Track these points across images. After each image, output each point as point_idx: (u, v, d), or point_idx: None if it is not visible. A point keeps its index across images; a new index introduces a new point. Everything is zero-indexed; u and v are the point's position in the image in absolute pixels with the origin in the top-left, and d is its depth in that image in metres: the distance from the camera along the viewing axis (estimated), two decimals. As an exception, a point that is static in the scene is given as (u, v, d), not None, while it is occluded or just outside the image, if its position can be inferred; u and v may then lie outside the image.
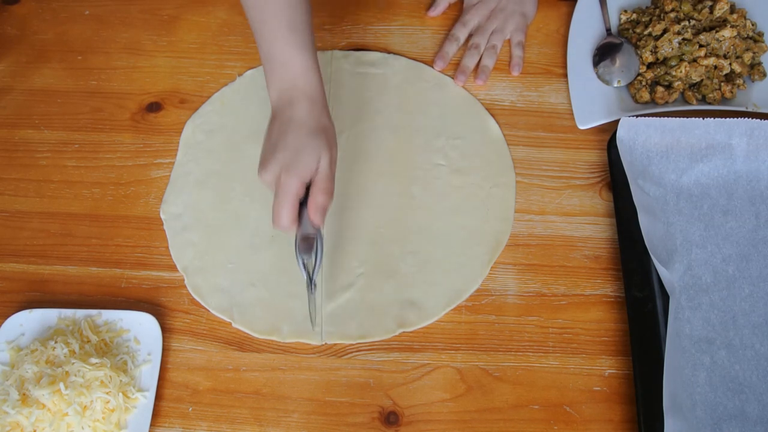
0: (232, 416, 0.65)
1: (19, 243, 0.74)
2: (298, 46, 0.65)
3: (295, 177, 0.61)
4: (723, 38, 0.77)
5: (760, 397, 0.62)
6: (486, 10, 0.85)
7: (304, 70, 0.65)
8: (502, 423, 0.64)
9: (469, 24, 0.85)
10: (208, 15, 0.89)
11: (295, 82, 0.65)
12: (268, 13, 0.66)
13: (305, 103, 0.65)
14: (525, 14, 0.86)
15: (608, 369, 0.66)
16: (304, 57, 0.66)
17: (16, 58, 0.86)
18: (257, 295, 0.70)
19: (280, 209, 0.62)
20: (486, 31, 0.84)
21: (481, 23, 0.85)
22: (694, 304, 0.66)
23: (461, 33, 0.85)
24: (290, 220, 0.62)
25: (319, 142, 0.63)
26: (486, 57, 0.83)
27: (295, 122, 0.64)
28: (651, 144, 0.73)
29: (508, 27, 0.85)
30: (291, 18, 0.66)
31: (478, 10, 0.85)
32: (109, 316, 0.68)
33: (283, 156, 0.62)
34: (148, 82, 0.84)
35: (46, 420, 0.61)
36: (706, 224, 0.70)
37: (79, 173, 0.78)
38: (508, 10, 0.85)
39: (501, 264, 0.71)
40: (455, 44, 0.84)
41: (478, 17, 0.85)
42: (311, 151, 0.63)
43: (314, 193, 0.63)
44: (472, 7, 0.86)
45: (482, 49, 0.84)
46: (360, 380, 0.66)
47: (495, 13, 0.85)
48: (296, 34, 0.66)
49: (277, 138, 0.64)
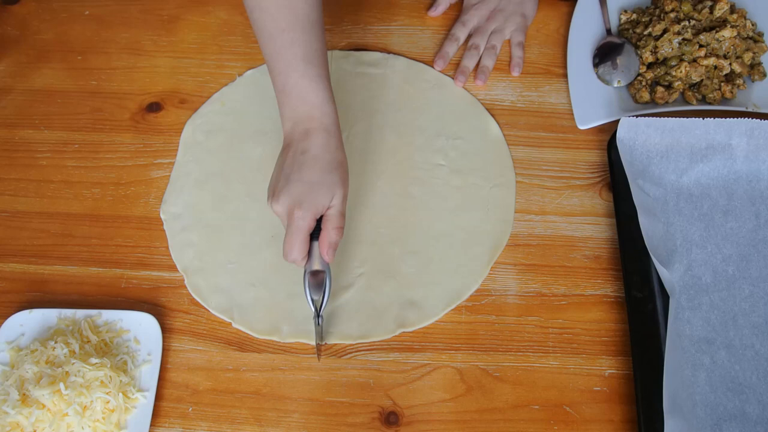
0: (232, 416, 0.65)
1: (19, 243, 0.74)
2: (314, 77, 0.64)
3: (308, 213, 0.61)
4: (723, 38, 0.77)
5: (760, 397, 0.62)
6: (486, 10, 0.85)
7: (321, 102, 0.65)
8: (502, 423, 0.64)
9: (468, 24, 0.85)
10: (208, 15, 0.89)
11: (312, 114, 0.64)
12: (283, 44, 0.65)
13: (321, 135, 0.64)
14: (525, 15, 0.85)
15: (608, 369, 0.66)
16: (320, 88, 0.65)
17: (16, 58, 0.86)
18: (257, 295, 0.70)
19: (292, 244, 0.62)
20: (486, 32, 0.84)
21: (481, 23, 0.85)
22: (694, 304, 0.66)
23: (461, 33, 0.84)
24: (302, 255, 0.63)
25: (334, 177, 0.63)
26: (485, 57, 0.83)
27: (310, 155, 0.63)
28: (651, 144, 0.73)
29: (507, 27, 0.84)
30: (306, 48, 0.65)
31: (478, 10, 0.85)
32: (109, 316, 0.68)
33: (297, 190, 0.62)
34: (148, 82, 0.84)
35: (46, 420, 0.61)
36: (706, 224, 0.70)
37: (79, 173, 0.78)
38: (507, 11, 0.85)
39: (501, 264, 0.71)
40: (455, 44, 0.84)
41: (477, 17, 0.85)
42: (326, 188, 0.62)
43: (327, 229, 0.63)
44: (471, 7, 0.86)
45: (482, 50, 0.84)
46: (360, 380, 0.66)
47: (494, 14, 0.85)
48: (312, 65, 0.65)
49: (290, 169, 0.63)
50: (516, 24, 0.84)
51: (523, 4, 0.85)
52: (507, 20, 0.84)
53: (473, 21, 0.85)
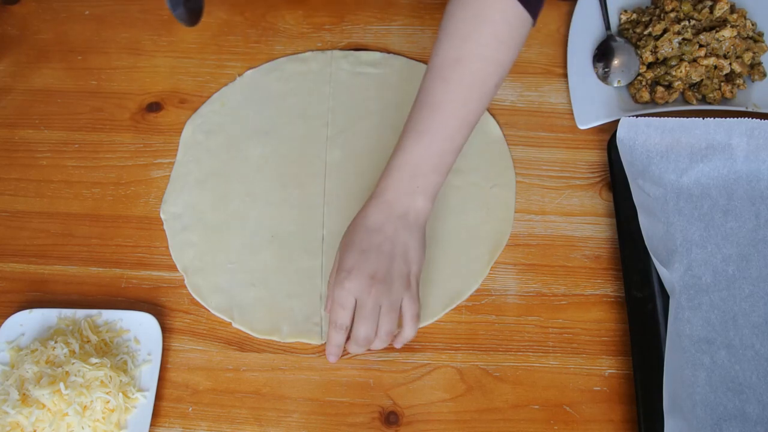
0: (232, 416, 0.65)
1: (19, 243, 0.74)
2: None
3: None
4: (723, 38, 0.77)
5: (760, 397, 0.62)
6: (363, 279, 0.61)
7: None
8: (502, 423, 0.64)
9: (347, 305, 0.62)
10: (208, 15, 0.88)
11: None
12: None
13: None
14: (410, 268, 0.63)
15: (608, 369, 0.66)
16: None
17: (16, 58, 0.86)
18: (257, 295, 0.70)
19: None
20: (370, 317, 0.62)
21: (362, 300, 0.61)
22: (694, 304, 0.66)
23: (345, 317, 0.62)
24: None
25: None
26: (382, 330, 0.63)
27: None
28: (651, 144, 0.73)
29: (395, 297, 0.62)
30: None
31: (353, 281, 0.61)
32: (109, 316, 0.68)
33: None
34: (148, 82, 0.84)
35: (46, 420, 0.61)
36: (706, 224, 0.70)
37: (79, 173, 0.78)
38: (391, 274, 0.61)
39: (501, 264, 0.71)
40: (342, 332, 0.63)
41: (355, 292, 0.61)
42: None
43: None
44: (344, 279, 0.61)
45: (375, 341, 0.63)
46: (360, 380, 0.66)
47: (374, 284, 0.61)
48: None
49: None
50: (402, 288, 0.62)
51: (406, 252, 0.63)
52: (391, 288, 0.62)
53: (350, 299, 0.61)
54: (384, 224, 0.62)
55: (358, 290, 0.61)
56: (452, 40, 0.62)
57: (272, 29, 0.86)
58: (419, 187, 0.63)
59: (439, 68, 0.63)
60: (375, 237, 0.62)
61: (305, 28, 0.86)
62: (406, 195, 0.63)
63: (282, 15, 0.87)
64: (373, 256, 0.61)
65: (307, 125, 0.79)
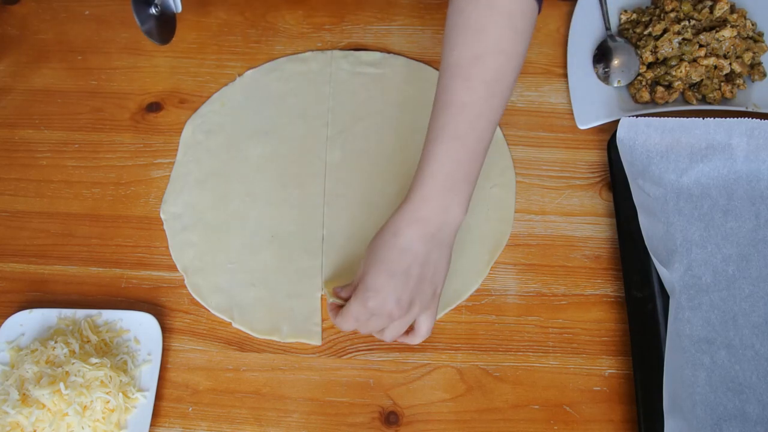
0: (232, 416, 0.65)
1: (19, 243, 0.74)
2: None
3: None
4: (723, 38, 0.77)
5: (760, 397, 0.62)
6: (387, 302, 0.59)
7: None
8: (502, 423, 0.64)
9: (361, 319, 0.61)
10: (208, 15, 0.88)
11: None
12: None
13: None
14: (435, 290, 0.62)
15: (608, 369, 0.66)
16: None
17: (16, 58, 0.86)
18: (257, 295, 0.70)
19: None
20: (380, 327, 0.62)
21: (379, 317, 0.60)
22: (694, 304, 0.66)
23: (353, 327, 0.62)
24: None
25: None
26: None
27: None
28: (651, 144, 0.73)
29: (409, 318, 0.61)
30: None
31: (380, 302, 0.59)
32: (109, 316, 0.68)
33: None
34: (148, 82, 0.84)
35: (46, 420, 0.61)
36: (706, 224, 0.70)
37: (79, 173, 0.78)
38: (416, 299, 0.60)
39: (501, 264, 0.71)
40: None
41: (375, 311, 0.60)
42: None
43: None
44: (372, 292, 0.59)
45: None
46: (360, 380, 0.66)
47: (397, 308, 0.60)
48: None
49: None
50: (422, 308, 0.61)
51: (435, 274, 0.61)
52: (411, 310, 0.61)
53: (367, 316, 0.61)
54: (415, 244, 0.59)
55: (378, 310, 0.59)
56: (466, 35, 0.60)
57: (272, 29, 0.86)
58: (454, 200, 0.60)
59: (457, 66, 0.60)
60: (405, 258, 0.59)
61: (305, 28, 0.86)
62: (440, 210, 0.60)
63: (282, 15, 0.87)
64: (400, 282, 0.59)
65: (307, 125, 0.79)
